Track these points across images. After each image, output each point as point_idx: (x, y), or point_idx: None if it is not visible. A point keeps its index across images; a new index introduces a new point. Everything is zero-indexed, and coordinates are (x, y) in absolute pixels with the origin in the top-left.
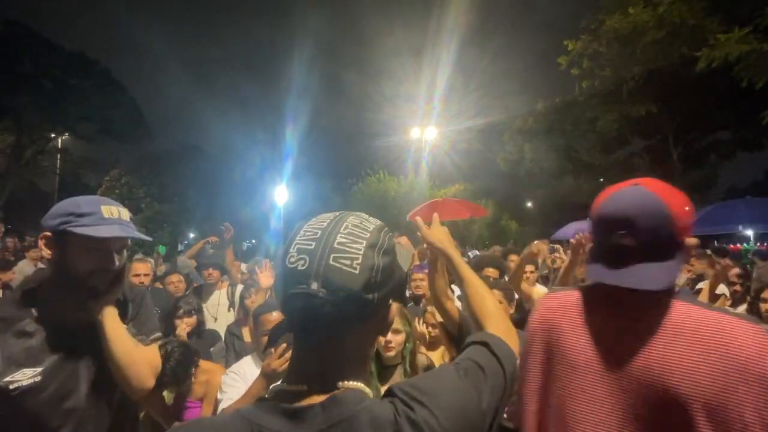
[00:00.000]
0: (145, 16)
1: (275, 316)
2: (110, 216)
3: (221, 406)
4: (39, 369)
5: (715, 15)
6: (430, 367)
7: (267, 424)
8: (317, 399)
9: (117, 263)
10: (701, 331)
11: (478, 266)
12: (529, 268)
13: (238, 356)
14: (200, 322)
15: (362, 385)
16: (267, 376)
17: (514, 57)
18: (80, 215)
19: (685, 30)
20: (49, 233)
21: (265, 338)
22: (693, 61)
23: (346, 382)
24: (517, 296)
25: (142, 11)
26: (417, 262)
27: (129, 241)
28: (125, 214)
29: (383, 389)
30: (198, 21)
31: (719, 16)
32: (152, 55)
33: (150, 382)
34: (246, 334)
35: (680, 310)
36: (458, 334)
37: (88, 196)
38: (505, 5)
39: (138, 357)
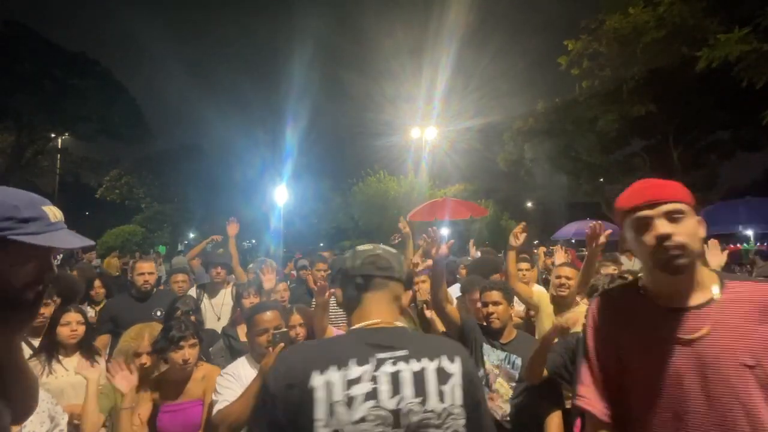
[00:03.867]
0: (145, 16)
1: (269, 315)
2: (56, 220)
3: (216, 408)
4: None
5: (715, 15)
6: None
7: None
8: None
9: (54, 272)
10: None
11: (482, 273)
12: (524, 266)
13: (235, 356)
14: (199, 322)
15: None
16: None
17: (514, 57)
18: (24, 221)
19: (685, 30)
20: None
21: (260, 338)
22: (693, 61)
23: None
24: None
25: (143, 11)
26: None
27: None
28: (60, 214)
29: None
30: (198, 21)
31: (719, 16)
32: (152, 55)
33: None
34: (242, 333)
35: None
36: (459, 336)
37: (17, 193)
38: (505, 5)
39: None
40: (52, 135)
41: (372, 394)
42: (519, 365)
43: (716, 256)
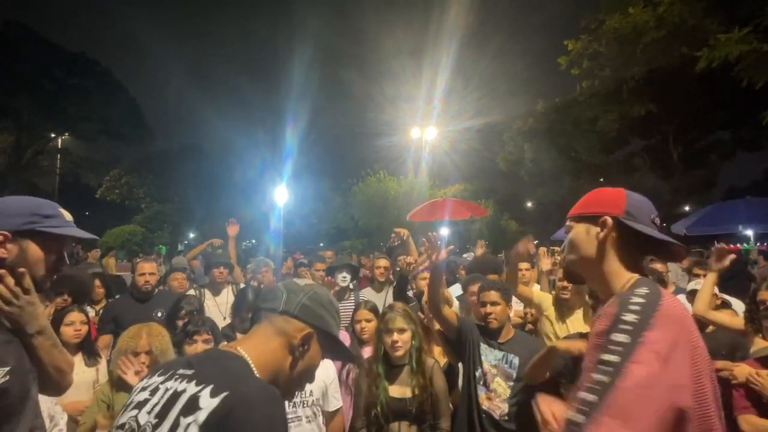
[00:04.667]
0: (145, 16)
1: None
2: (69, 219)
3: None
4: (7, 368)
5: (715, 15)
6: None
7: None
8: None
9: (66, 264)
10: None
11: (481, 272)
12: (524, 266)
13: None
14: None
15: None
16: None
17: (513, 57)
18: (46, 216)
19: (685, 30)
20: (7, 232)
21: None
22: (693, 61)
23: None
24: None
25: (143, 11)
26: (422, 263)
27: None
28: (70, 216)
29: (391, 389)
30: (198, 21)
31: (719, 16)
32: (152, 55)
33: (71, 380)
34: (239, 336)
35: None
36: (457, 338)
37: (36, 198)
38: (505, 5)
39: (66, 363)
40: (52, 135)
41: (141, 404)
42: (516, 365)
43: (717, 259)
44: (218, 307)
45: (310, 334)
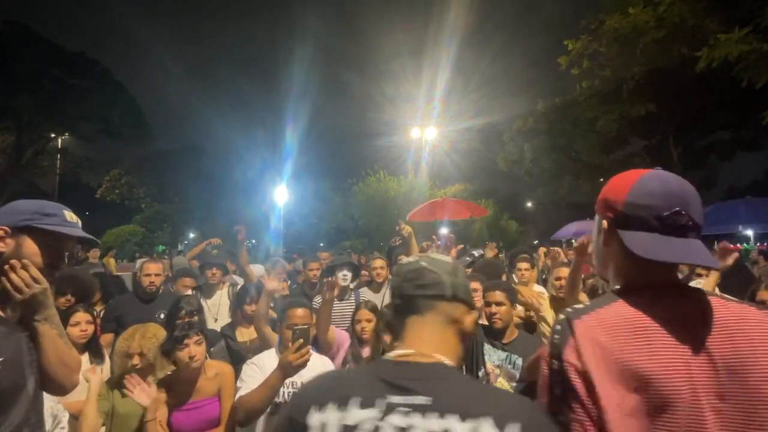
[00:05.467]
0: (145, 16)
1: (300, 312)
2: (71, 220)
3: (238, 394)
4: (0, 359)
5: (715, 15)
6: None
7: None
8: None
9: (65, 263)
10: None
11: (486, 275)
12: (524, 266)
13: (234, 356)
14: (202, 322)
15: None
16: (283, 368)
17: (514, 57)
18: (46, 215)
19: (685, 30)
20: (7, 228)
21: (289, 332)
22: (693, 61)
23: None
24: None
25: (143, 11)
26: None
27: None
28: (77, 218)
29: None
30: (198, 21)
31: (719, 16)
32: (152, 55)
33: (77, 380)
34: (239, 335)
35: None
36: None
37: (42, 201)
38: (505, 5)
39: (72, 358)
40: (52, 135)
41: None
42: (520, 365)
43: (721, 258)
44: (209, 309)
45: (475, 315)
